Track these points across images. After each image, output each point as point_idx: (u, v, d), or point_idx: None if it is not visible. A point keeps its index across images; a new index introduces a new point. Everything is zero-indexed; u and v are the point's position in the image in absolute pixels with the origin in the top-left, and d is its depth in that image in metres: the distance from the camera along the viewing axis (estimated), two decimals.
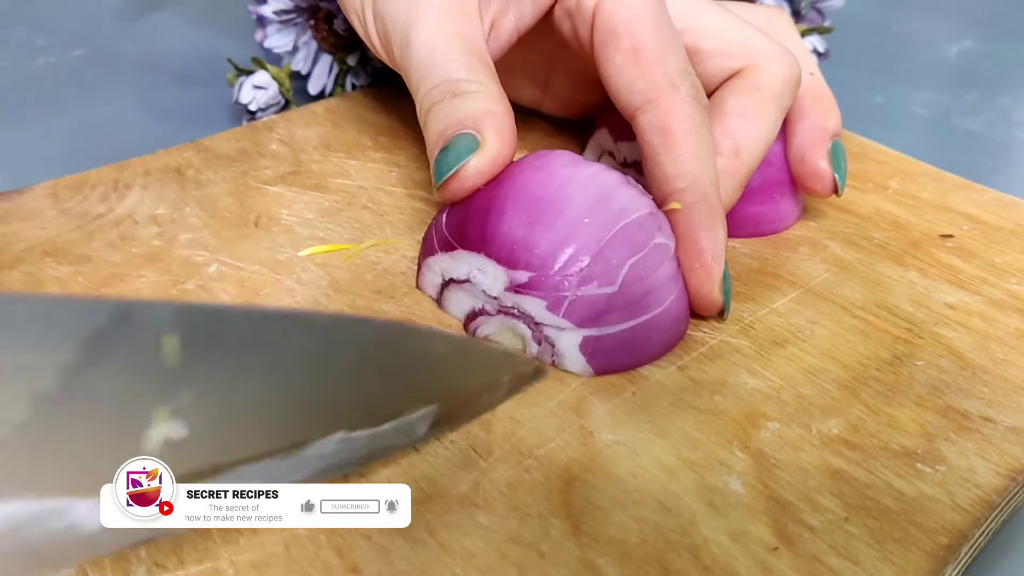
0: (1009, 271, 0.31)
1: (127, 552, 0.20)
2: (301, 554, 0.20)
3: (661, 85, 0.27)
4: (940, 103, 0.52)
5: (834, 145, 0.32)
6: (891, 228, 0.34)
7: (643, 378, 0.26)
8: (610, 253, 0.25)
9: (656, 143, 0.27)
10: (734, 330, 0.28)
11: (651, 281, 0.25)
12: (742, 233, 0.33)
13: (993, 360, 0.27)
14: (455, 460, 0.23)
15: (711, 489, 0.22)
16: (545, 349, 0.25)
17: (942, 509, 0.22)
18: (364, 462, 0.22)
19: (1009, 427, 0.24)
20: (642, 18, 0.28)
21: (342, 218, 0.32)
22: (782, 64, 0.30)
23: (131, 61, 0.51)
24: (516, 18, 0.30)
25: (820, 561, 0.20)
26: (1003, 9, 0.66)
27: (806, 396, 0.25)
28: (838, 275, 0.31)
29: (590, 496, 0.22)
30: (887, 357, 0.27)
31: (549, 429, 0.24)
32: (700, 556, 0.21)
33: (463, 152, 0.26)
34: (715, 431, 0.24)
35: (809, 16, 0.49)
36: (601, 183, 0.26)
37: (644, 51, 0.28)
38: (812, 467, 0.23)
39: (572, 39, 0.30)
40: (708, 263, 0.27)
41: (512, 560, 0.20)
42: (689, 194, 0.27)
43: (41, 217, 0.31)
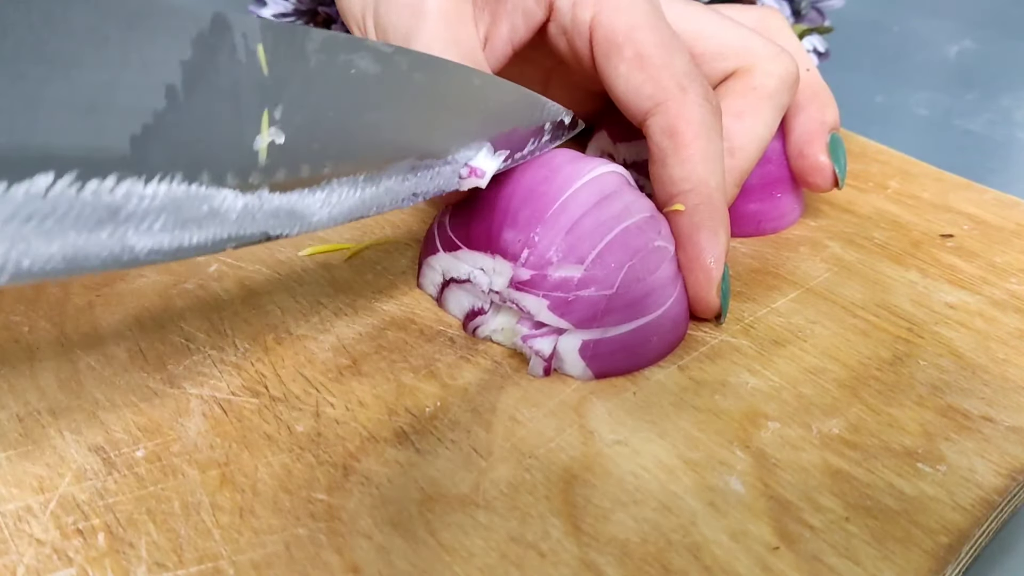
0: (1009, 271, 0.31)
1: (130, 549, 0.20)
2: (301, 554, 0.20)
3: (669, 88, 0.27)
4: (940, 103, 0.52)
5: (833, 139, 0.32)
6: (891, 228, 0.34)
7: (644, 378, 0.26)
8: (608, 255, 0.25)
9: (665, 145, 0.27)
10: (735, 330, 0.28)
11: (650, 283, 0.25)
12: (743, 231, 0.33)
13: (993, 360, 0.27)
14: (455, 460, 0.23)
15: (712, 489, 0.22)
16: (542, 351, 0.25)
17: (943, 509, 0.22)
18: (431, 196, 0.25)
19: (1009, 427, 0.24)
20: (642, 25, 0.28)
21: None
22: (778, 63, 0.30)
23: None
24: (509, 31, 0.30)
25: (821, 561, 0.20)
26: (1003, 9, 0.66)
27: (806, 396, 0.25)
28: (838, 275, 0.31)
29: (590, 496, 0.22)
30: (887, 357, 0.27)
31: (549, 429, 0.24)
32: (700, 556, 0.21)
33: None
34: (716, 431, 0.24)
35: (809, 16, 0.49)
36: (604, 184, 0.26)
37: (648, 56, 0.28)
38: (813, 467, 0.23)
39: (569, 55, 0.30)
40: (707, 266, 0.27)
41: (512, 560, 0.20)
42: (693, 196, 0.27)
43: None
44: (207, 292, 0.28)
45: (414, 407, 0.24)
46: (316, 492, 0.22)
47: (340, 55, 0.22)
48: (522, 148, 0.27)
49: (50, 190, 0.17)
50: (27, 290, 0.28)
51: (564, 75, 0.35)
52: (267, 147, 0.21)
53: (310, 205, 0.22)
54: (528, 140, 0.27)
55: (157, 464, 0.22)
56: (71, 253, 0.18)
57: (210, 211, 0.20)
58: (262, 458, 0.22)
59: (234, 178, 0.20)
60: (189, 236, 0.20)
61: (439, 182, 0.25)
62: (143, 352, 0.26)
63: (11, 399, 0.24)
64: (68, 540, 0.20)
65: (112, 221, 0.18)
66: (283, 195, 0.22)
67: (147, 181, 0.19)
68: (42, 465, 0.22)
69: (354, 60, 0.22)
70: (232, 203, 0.20)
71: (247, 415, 0.24)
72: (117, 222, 0.18)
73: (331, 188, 0.23)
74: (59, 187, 0.17)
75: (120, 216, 0.18)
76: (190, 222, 0.20)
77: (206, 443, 0.23)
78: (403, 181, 0.24)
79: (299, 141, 0.21)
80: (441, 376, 0.25)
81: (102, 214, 0.18)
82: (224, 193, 0.20)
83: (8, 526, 0.21)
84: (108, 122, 0.18)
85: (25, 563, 0.20)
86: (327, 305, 0.28)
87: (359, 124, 0.23)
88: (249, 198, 0.21)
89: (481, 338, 0.27)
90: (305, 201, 0.22)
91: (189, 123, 0.19)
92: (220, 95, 0.20)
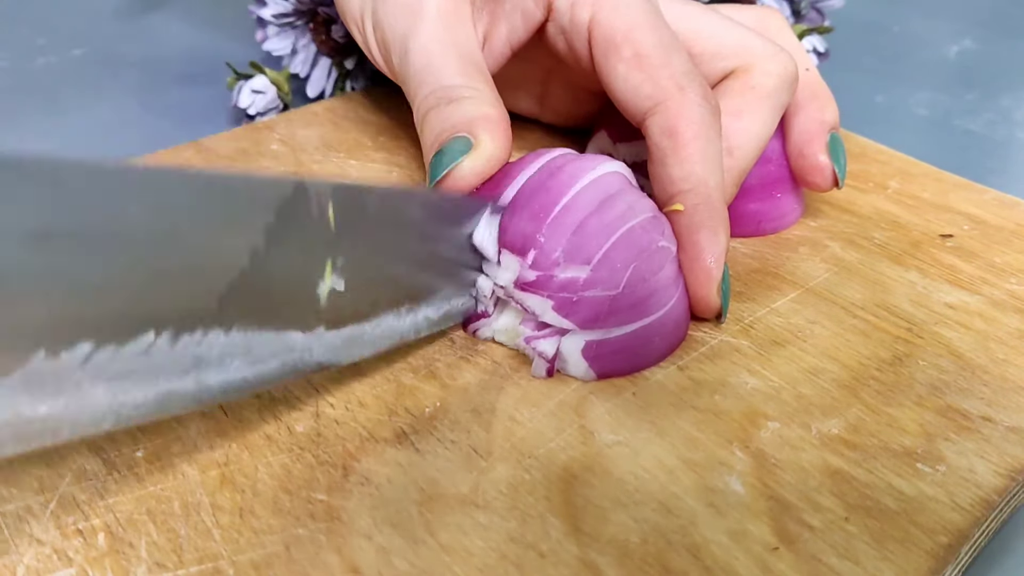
0: (1009, 271, 0.31)
1: (130, 549, 0.20)
2: (301, 554, 0.20)
3: (668, 87, 0.27)
4: (940, 103, 0.52)
5: (832, 138, 0.32)
6: (891, 228, 0.34)
7: (643, 378, 0.26)
8: (614, 255, 0.25)
9: (664, 145, 0.27)
10: (734, 330, 0.28)
11: (653, 284, 0.25)
12: (743, 231, 0.33)
13: (993, 360, 0.27)
14: (455, 460, 0.23)
15: (711, 489, 0.22)
16: (545, 352, 0.25)
17: (942, 509, 0.22)
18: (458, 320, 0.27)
19: (1009, 427, 0.24)
20: (640, 24, 0.28)
21: None
22: (777, 62, 0.30)
23: (131, 61, 0.51)
24: (508, 31, 0.30)
25: (820, 561, 0.20)
26: (1003, 9, 0.66)
27: (806, 396, 0.25)
28: (838, 275, 0.31)
29: (590, 496, 0.22)
30: (887, 357, 0.27)
31: (549, 429, 0.24)
32: (700, 556, 0.21)
33: (456, 155, 0.27)
34: (715, 431, 0.24)
35: (809, 16, 0.49)
36: (607, 185, 0.26)
37: (647, 56, 0.28)
38: (812, 467, 0.23)
39: (568, 55, 0.30)
40: (707, 265, 0.27)
41: (512, 560, 0.20)
42: (692, 196, 0.27)
43: None
44: None
45: (414, 407, 0.24)
46: (316, 492, 0.22)
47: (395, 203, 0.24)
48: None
49: (152, 347, 0.19)
50: None
51: (563, 75, 0.35)
52: (328, 293, 0.22)
53: (360, 337, 0.24)
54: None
55: (157, 464, 0.22)
56: (159, 397, 0.19)
57: (276, 350, 0.21)
58: (262, 458, 0.23)
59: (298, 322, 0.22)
60: (258, 373, 0.21)
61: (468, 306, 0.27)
62: None
63: None
64: (68, 540, 0.20)
65: (195, 370, 0.20)
66: (337, 331, 0.23)
67: (227, 331, 0.20)
68: (42, 465, 0.22)
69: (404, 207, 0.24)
70: (294, 341, 0.22)
71: (247, 415, 0.24)
72: (200, 369, 0.20)
73: (378, 321, 0.24)
74: (158, 343, 0.19)
75: (203, 364, 0.20)
76: (259, 361, 0.21)
77: (206, 443, 0.23)
78: (438, 308, 0.26)
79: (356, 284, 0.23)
80: (441, 376, 0.25)
81: (188, 364, 0.20)
82: (289, 334, 0.22)
83: (8, 526, 0.21)
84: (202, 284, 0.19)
85: (25, 563, 0.20)
86: None
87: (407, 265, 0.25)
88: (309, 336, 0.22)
89: (482, 339, 0.27)
90: (355, 334, 0.24)
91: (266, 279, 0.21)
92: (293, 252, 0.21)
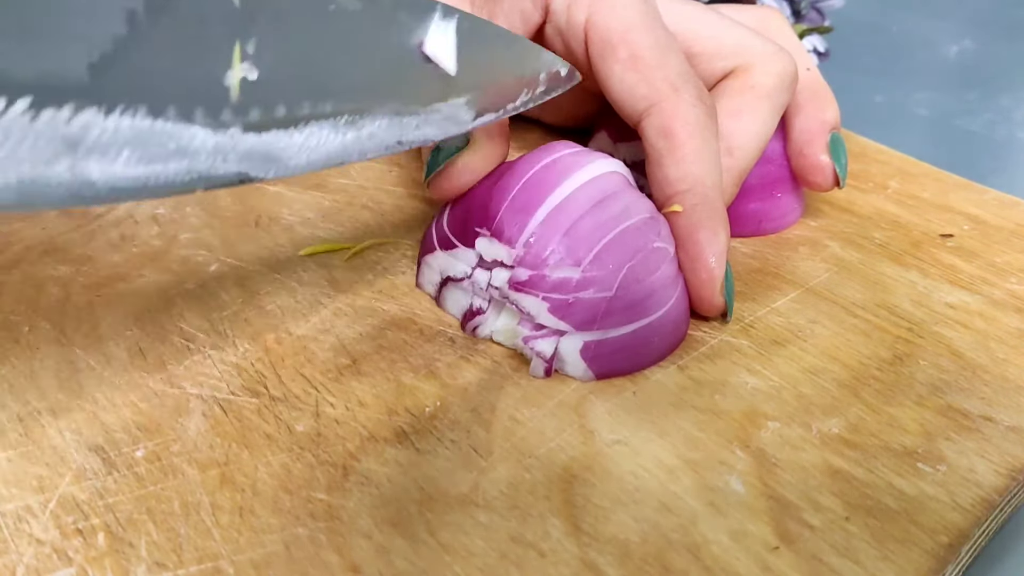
0: (1009, 271, 0.31)
1: (130, 549, 0.20)
2: (301, 554, 0.20)
3: (663, 89, 0.27)
4: (940, 103, 0.52)
5: (833, 138, 0.32)
6: (891, 228, 0.34)
7: (643, 378, 0.26)
8: (606, 257, 0.25)
9: (660, 146, 0.27)
10: (734, 330, 0.28)
11: (650, 285, 0.25)
12: (744, 231, 0.33)
13: (993, 360, 0.27)
14: (455, 460, 0.23)
15: (711, 489, 0.22)
16: (543, 352, 0.25)
17: (943, 508, 0.22)
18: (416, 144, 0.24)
19: (1009, 426, 0.24)
20: (636, 26, 0.28)
21: (342, 218, 0.32)
22: (776, 62, 0.30)
23: None
24: None
25: (821, 561, 0.20)
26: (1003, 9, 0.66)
27: (806, 395, 0.25)
28: (838, 275, 0.31)
29: (590, 495, 0.22)
30: (887, 357, 0.27)
31: (549, 429, 0.24)
32: (700, 556, 0.21)
33: (452, 151, 0.27)
34: (715, 431, 0.24)
35: (809, 16, 0.49)
36: (604, 185, 0.26)
37: (642, 57, 0.28)
38: (813, 466, 0.23)
39: (565, 56, 0.30)
40: (709, 265, 0.27)
41: (512, 559, 0.20)
42: (691, 196, 0.27)
43: (41, 217, 0.31)
44: (207, 292, 0.28)
45: (414, 407, 0.24)
46: (316, 492, 0.22)
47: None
48: (514, 99, 0.26)
49: (1, 116, 0.17)
50: (27, 290, 0.28)
51: None
52: (239, 83, 0.20)
53: (287, 148, 0.21)
54: (521, 90, 0.26)
55: (157, 464, 0.22)
56: (27, 185, 0.17)
57: (178, 148, 0.19)
58: (262, 458, 0.22)
59: (204, 115, 0.20)
60: (155, 173, 0.19)
61: (425, 131, 0.24)
62: (143, 352, 0.26)
63: (11, 399, 0.24)
64: (68, 540, 0.20)
65: (70, 154, 0.18)
66: (258, 135, 0.21)
67: (107, 113, 0.18)
68: (42, 465, 0.22)
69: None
70: (202, 141, 0.20)
71: (247, 415, 0.24)
72: (76, 156, 0.18)
73: (310, 130, 0.21)
74: (11, 114, 0.17)
75: (79, 149, 0.18)
76: (156, 159, 0.19)
77: (206, 443, 0.23)
78: (387, 127, 0.23)
79: (274, 79, 0.20)
80: (441, 376, 0.25)
81: (59, 146, 0.17)
82: (193, 130, 0.19)
83: (8, 526, 0.21)
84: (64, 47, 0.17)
85: (25, 563, 0.20)
86: (327, 305, 0.28)
87: (339, 64, 0.22)
88: (221, 137, 0.20)
89: (481, 338, 0.27)
90: (282, 143, 0.21)
91: (153, 53, 0.18)
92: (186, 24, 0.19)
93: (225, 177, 0.20)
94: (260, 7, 0.20)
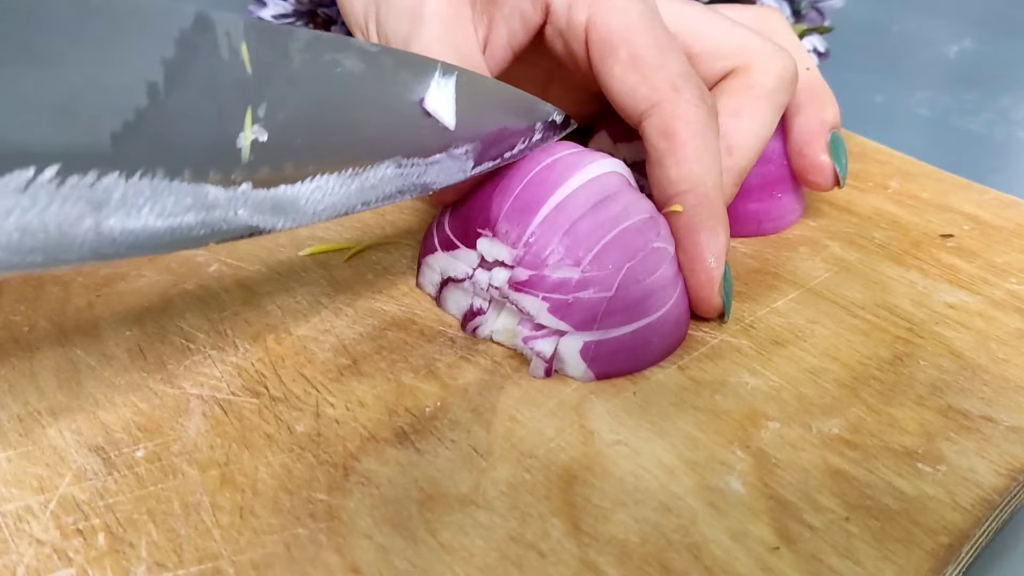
0: (1009, 271, 0.31)
1: (130, 549, 0.20)
2: (301, 554, 0.20)
3: (663, 89, 0.27)
4: (940, 103, 0.52)
5: (833, 137, 0.32)
6: (891, 228, 0.34)
7: (644, 378, 0.26)
8: (605, 257, 0.25)
9: (661, 147, 0.27)
10: (735, 330, 0.28)
11: (649, 285, 0.25)
12: (744, 231, 0.33)
13: (993, 360, 0.27)
14: (455, 460, 0.23)
15: (712, 489, 0.22)
16: (543, 352, 0.25)
17: (943, 508, 0.22)
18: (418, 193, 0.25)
19: (1009, 426, 0.24)
20: (637, 26, 0.28)
21: (342, 218, 0.32)
22: (776, 61, 0.30)
23: None
24: (507, 34, 0.30)
25: (821, 561, 0.20)
26: (1003, 9, 0.66)
27: (806, 396, 0.25)
28: (838, 275, 0.31)
29: (590, 496, 0.22)
30: (887, 357, 0.27)
31: (549, 429, 0.24)
32: (701, 556, 0.21)
33: None
34: (716, 431, 0.24)
35: (809, 16, 0.49)
36: (604, 185, 0.26)
37: (643, 58, 0.28)
38: (813, 467, 0.23)
39: (566, 57, 0.30)
40: (708, 265, 0.27)
41: (512, 560, 0.20)
42: (691, 196, 0.27)
43: None
44: (207, 292, 0.28)
45: (414, 407, 0.24)
46: (316, 492, 0.22)
47: (325, 54, 0.22)
48: (512, 148, 0.27)
49: (31, 184, 0.17)
50: (27, 290, 0.28)
51: (564, 77, 0.35)
52: (250, 144, 0.21)
53: (295, 200, 0.22)
54: (518, 140, 0.27)
55: (157, 464, 0.22)
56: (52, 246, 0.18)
57: (193, 204, 0.20)
58: (262, 458, 0.22)
59: (216, 174, 0.20)
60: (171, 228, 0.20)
61: (426, 179, 0.25)
62: (143, 352, 0.26)
63: (11, 399, 0.24)
64: (68, 540, 0.20)
65: (93, 215, 0.18)
66: (267, 190, 0.22)
67: (128, 176, 0.19)
68: (42, 465, 0.22)
69: (339, 59, 0.22)
70: (215, 197, 0.21)
71: (247, 415, 0.24)
72: (99, 216, 0.19)
73: (316, 184, 0.23)
74: (40, 181, 0.17)
75: (102, 211, 0.19)
76: (172, 215, 0.20)
77: (206, 443, 0.23)
78: (390, 178, 0.24)
79: (283, 139, 0.22)
80: (441, 376, 0.25)
81: (83, 208, 0.18)
82: (207, 188, 0.20)
83: (8, 526, 0.21)
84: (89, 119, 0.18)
85: (25, 563, 0.20)
86: (327, 305, 0.28)
87: (344, 122, 0.23)
88: (232, 192, 0.21)
89: (481, 338, 0.27)
90: (289, 196, 0.22)
91: (171, 121, 0.19)
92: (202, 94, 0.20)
93: (236, 228, 0.21)
94: (271, 72, 0.21)
